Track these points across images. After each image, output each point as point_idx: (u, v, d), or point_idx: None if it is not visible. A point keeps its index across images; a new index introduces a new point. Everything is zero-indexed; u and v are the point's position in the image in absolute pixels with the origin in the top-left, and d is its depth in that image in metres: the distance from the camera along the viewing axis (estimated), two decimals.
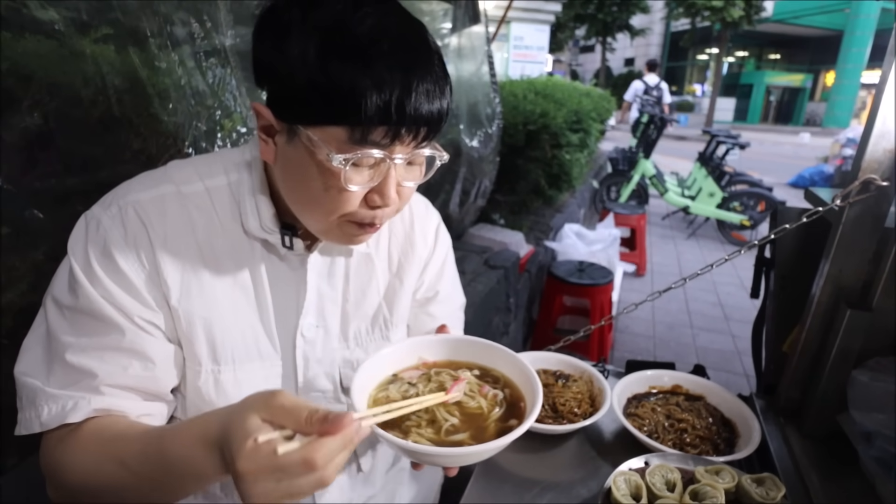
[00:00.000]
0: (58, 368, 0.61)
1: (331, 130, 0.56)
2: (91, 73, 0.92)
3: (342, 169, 0.57)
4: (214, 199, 0.69)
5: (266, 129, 0.63)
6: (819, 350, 1.02)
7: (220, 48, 1.15)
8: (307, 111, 0.57)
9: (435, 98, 0.58)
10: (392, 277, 0.85)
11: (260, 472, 0.47)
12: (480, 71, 2.79)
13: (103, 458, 0.59)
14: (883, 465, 0.78)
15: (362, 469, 0.83)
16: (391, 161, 0.59)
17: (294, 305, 0.75)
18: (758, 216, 5.35)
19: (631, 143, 6.44)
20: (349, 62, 0.53)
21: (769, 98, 28.50)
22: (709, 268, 1.13)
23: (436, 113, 0.58)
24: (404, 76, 0.55)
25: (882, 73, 0.91)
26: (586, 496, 0.88)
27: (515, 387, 0.71)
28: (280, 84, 0.58)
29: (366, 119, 0.54)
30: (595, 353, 2.86)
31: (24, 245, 0.86)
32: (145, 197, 0.66)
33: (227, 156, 0.72)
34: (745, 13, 17.88)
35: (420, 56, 0.57)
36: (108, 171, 0.95)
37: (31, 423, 0.61)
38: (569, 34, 22.88)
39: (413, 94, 0.55)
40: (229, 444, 0.48)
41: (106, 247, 0.63)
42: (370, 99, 0.53)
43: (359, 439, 0.50)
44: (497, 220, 3.39)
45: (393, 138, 0.57)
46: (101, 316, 0.62)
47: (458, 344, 0.76)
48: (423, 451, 0.58)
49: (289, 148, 0.60)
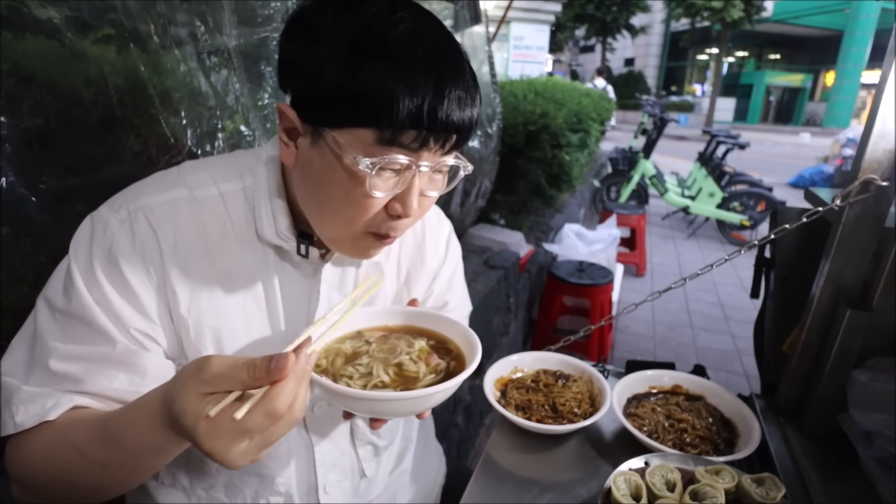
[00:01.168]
0: (39, 372, 0.60)
1: (358, 133, 0.55)
2: (92, 73, 0.92)
3: (367, 173, 0.55)
4: (228, 205, 0.68)
5: (289, 131, 0.61)
6: (819, 350, 1.02)
7: (223, 49, 1.15)
8: (336, 113, 0.56)
9: (466, 106, 0.57)
10: (400, 287, 0.84)
11: (228, 442, 0.46)
12: (481, 71, 2.79)
13: (61, 448, 0.59)
14: (883, 465, 0.78)
15: (366, 475, 0.83)
16: (417, 168, 0.58)
17: (305, 314, 0.74)
18: (758, 216, 5.35)
19: (631, 143, 6.44)
20: (383, 64, 0.53)
21: (769, 98, 28.51)
22: (709, 268, 1.13)
23: (466, 120, 0.58)
24: (438, 81, 0.54)
25: (882, 73, 0.91)
26: (586, 496, 0.88)
27: (464, 361, 0.71)
28: (308, 84, 0.57)
29: (396, 121, 0.54)
30: (595, 353, 2.87)
31: (24, 245, 0.86)
32: (157, 201, 0.64)
33: (243, 159, 0.71)
34: (744, 13, 17.89)
35: (454, 63, 0.57)
36: (108, 172, 0.95)
37: (6, 424, 0.59)
38: (569, 34, 22.87)
39: (446, 100, 0.55)
40: (183, 428, 0.48)
41: (112, 252, 0.61)
42: (402, 101, 0.53)
43: (311, 367, 0.50)
44: (497, 220, 3.39)
45: (422, 144, 0.56)
46: (93, 324, 0.60)
47: (424, 315, 0.78)
48: (346, 394, 0.59)
49: (312, 151, 0.59)
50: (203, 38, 1.11)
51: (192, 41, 1.10)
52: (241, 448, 0.47)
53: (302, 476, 0.77)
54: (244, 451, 0.47)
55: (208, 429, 0.46)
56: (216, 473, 0.73)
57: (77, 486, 0.61)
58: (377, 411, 0.65)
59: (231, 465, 0.47)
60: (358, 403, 0.62)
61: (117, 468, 0.58)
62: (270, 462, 0.73)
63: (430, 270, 0.87)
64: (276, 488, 0.74)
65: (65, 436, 0.59)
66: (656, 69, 30.53)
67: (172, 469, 0.73)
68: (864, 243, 0.96)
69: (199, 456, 0.70)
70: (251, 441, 0.47)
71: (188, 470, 0.73)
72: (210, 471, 0.72)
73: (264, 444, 0.48)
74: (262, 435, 0.48)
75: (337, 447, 0.78)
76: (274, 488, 0.74)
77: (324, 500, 0.78)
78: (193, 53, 1.10)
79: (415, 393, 0.61)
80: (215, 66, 1.14)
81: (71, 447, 0.58)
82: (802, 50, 28.12)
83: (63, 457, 0.59)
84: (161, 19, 1.03)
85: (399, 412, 0.67)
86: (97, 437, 0.57)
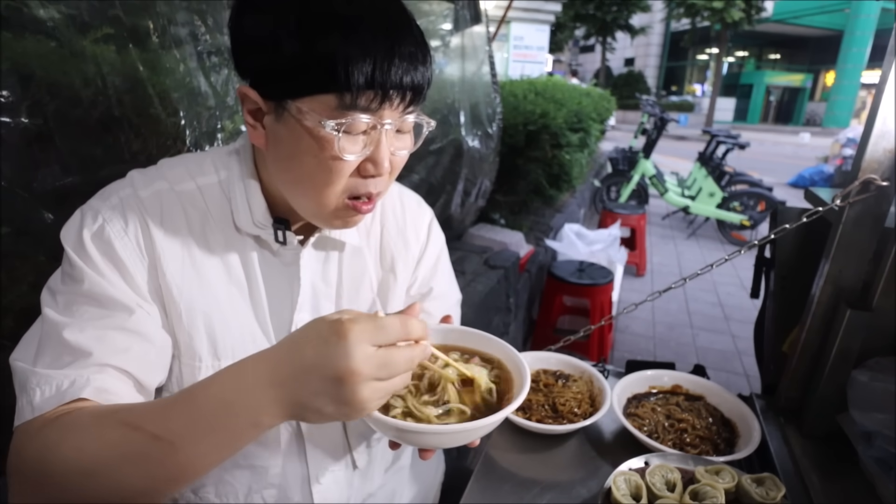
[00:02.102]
0: (50, 351, 0.58)
1: (320, 99, 0.57)
2: (91, 73, 0.92)
3: (335, 136, 0.57)
4: (207, 198, 0.69)
5: (253, 112, 0.63)
6: (819, 350, 1.02)
7: (223, 48, 1.15)
8: (294, 83, 0.57)
9: (417, 62, 0.59)
10: (386, 273, 0.85)
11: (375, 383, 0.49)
12: (481, 71, 2.78)
13: (107, 426, 0.52)
14: (883, 465, 0.78)
15: (358, 466, 0.83)
16: (381, 127, 0.60)
17: (288, 301, 0.75)
18: (758, 216, 5.35)
19: (631, 143, 6.44)
20: (332, 30, 0.55)
21: (769, 98, 28.53)
22: (709, 268, 1.13)
23: (419, 77, 0.60)
24: (386, 41, 0.56)
25: (882, 73, 0.91)
26: (586, 496, 0.88)
27: (507, 371, 0.69)
28: (265, 60, 0.58)
29: (354, 85, 0.55)
30: (595, 353, 2.87)
31: (24, 245, 0.87)
32: (144, 194, 0.66)
33: (216, 153, 0.73)
34: (744, 14, 17.90)
35: (400, 22, 0.59)
36: (108, 172, 0.95)
37: (23, 410, 0.55)
38: (569, 34, 22.90)
39: (396, 58, 0.56)
40: (326, 377, 0.48)
41: (105, 234, 0.62)
42: (356, 64, 0.55)
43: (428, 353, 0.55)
44: (497, 220, 3.39)
45: (381, 101, 0.58)
46: (104, 298, 0.60)
47: (459, 333, 0.76)
48: (410, 429, 0.56)
49: (279, 126, 0.61)
50: (203, 37, 1.11)
51: (192, 40, 1.10)
52: (377, 387, 0.49)
53: (295, 467, 0.76)
54: (378, 389, 0.49)
55: (373, 362, 0.48)
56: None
57: (111, 480, 0.51)
58: (433, 444, 0.63)
59: (363, 411, 0.50)
60: (414, 437, 0.59)
61: (179, 446, 0.50)
62: (262, 452, 0.73)
63: (412, 255, 0.87)
64: (270, 480, 0.74)
65: (116, 416, 0.53)
66: (656, 69, 30.56)
67: None
68: (864, 243, 0.96)
69: None
70: (381, 382, 0.50)
71: None
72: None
73: (390, 390, 0.51)
74: (389, 376, 0.50)
75: (327, 437, 0.78)
76: (268, 480, 0.74)
77: (316, 492, 0.78)
78: (193, 53, 1.10)
79: (472, 425, 0.57)
80: (215, 65, 1.14)
81: (125, 424, 0.51)
82: (802, 50, 28.13)
83: (109, 437, 0.51)
84: (161, 19, 1.03)
85: (453, 443, 0.63)
86: (167, 407, 0.52)
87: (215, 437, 0.51)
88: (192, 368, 0.68)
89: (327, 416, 0.50)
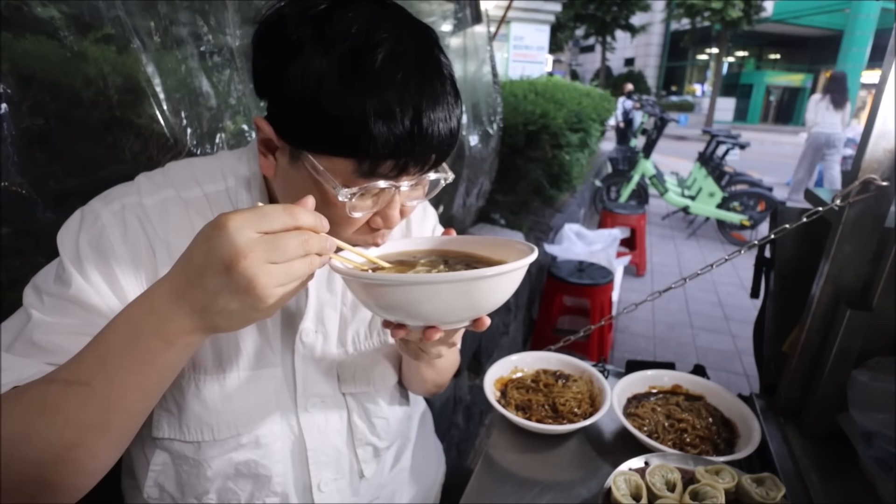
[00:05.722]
0: (23, 343, 0.57)
1: (337, 161, 0.55)
2: (92, 73, 0.92)
3: (347, 201, 0.56)
4: (213, 206, 0.69)
5: (266, 142, 0.61)
6: (819, 350, 1.02)
7: (225, 48, 1.15)
8: (313, 138, 0.55)
9: (446, 126, 0.57)
10: None
11: (266, 267, 0.45)
12: (482, 71, 2.78)
13: (26, 389, 0.51)
14: (883, 465, 0.79)
15: (365, 475, 0.83)
16: (397, 190, 0.59)
17: (294, 310, 0.74)
18: (758, 216, 5.35)
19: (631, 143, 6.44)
20: (361, 93, 0.52)
21: (769, 98, 28.51)
22: (709, 268, 1.13)
23: (446, 140, 0.57)
24: (416, 108, 0.53)
25: (882, 73, 0.91)
26: (586, 496, 0.88)
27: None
28: (284, 104, 0.56)
29: (374, 154, 0.53)
30: (595, 353, 2.87)
31: (24, 245, 0.86)
32: (149, 202, 0.65)
33: (225, 159, 0.72)
34: (744, 14, 17.90)
35: (433, 86, 0.55)
36: (108, 172, 0.95)
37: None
38: (569, 34, 22.90)
39: (424, 126, 0.54)
40: (217, 271, 0.45)
41: (102, 240, 0.61)
42: (380, 135, 0.52)
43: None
44: (497, 220, 3.39)
45: (401, 171, 0.56)
46: (87, 304, 0.59)
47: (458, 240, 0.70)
48: (388, 280, 0.52)
49: (291, 169, 0.60)
50: (205, 37, 1.11)
51: (194, 41, 1.10)
52: (273, 270, 0.45)
53: (297, 475, 0.76)
54: (274, 273, 0.46)
55: (255, 251, 0.44)
56: (209, 479, 0.71)
57: (36, 441, 0.49)
58: (422, 306, 0.53)
59: (268, 298, 0.46)
60: (395, 292, 0.52)
61: (103, 389, 0.49)
62: (265, 461, 0.73)
63: None
64: (273, 488, 0.74)
65: (34, 380, 0.52)
66: (656, 69, 30.54)
67: (160, 481, 0.71)
68: (864, 243, 0.96)
69: (191, 462, 0.70)
70: (277, 266, 0.46)
71: (178, 480, 0.71)
72: (202, 477, 0.70)
73: (290, 273, 0.47)
74: (285, 259, 0.46)
75: (332, 446, 0.78)
76: (270, 488, 0.74)
77: (318, 499, 0.78)
78: (195, 53, 1.10)
79: (473, 273, 0.50)
80: (217, 65, 1.14)
81: (40, 382, 0.50)
82: (802, 50, 28.11)
83: (26, 397, 0.50)
84: (163, 19, 1.03)
85: (453, 306, 0.53)
86: (82, 352, 0.51)
87: (129, 366, 0.49)
88: (197, 381, 0.67)
89: (237, 315, 0.47)
